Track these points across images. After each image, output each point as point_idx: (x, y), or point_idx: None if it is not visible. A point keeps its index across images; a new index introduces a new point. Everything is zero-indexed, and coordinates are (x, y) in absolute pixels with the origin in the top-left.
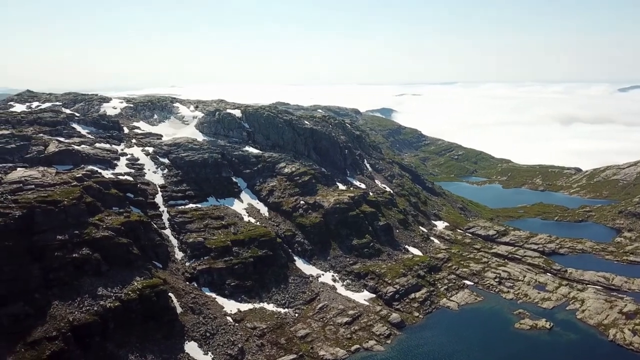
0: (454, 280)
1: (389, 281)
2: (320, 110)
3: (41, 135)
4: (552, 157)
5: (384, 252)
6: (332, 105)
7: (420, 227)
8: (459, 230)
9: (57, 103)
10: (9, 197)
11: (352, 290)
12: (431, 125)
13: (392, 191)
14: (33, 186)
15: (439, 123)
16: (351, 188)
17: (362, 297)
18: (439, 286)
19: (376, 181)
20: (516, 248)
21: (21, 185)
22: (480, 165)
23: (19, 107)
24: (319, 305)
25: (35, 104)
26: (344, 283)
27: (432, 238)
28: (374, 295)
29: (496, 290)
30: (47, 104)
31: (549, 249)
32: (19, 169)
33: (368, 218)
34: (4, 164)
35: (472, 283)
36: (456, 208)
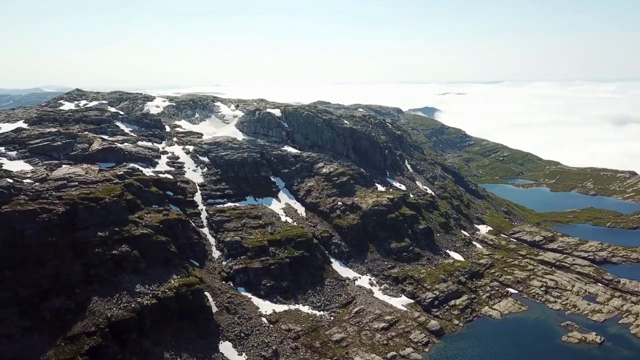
0: (496, 288)
1: (428, 287)
2: (361, 110)
3: (86, 133)
4: (605, 159)
5: (423, 257)
6: (374, 104)
7: (462, 231)
8: (503, 235)
9: (104, 101)
10: (54, 193)
11: (390, 295)
12: (476, 125)
13: (433, 193)
14: (76, 183)
15: (483, 123)
16: (390, 189)
17: (400, 302)
18: (481, 293)
19: (417, 183)
20: (564, 255)
21: (65, 182)
22: (527, 167)
23: (67, 106)
24: (355, 309)
25: (83, 102)
26: (382, 287)
27: (474, 243)
28: (412, 301)
29: (542, 300)
30: (94, 103)
31: (600, 257)
32: (64, 166)
33: (408, 221)
34: (50, 161)
35: (516, 291)
36: (500, 212)
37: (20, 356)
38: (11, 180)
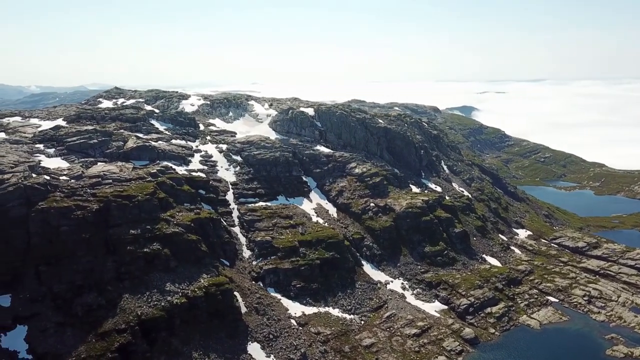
0: (536, 296)
1: (463, 293)
2: (396, 108)
3: (122, 131)
4: None
5: (458, 261)
6: (410, 103)
7: (500, 235)
8: (543, 240)
9: (140, 100)
10: (88, 190)
11: (423, 300)
12: (516, 124)
13: (470, 195)
14: (111, 181)
15: (524, 123)
16: (425, 191)
17: (433, 308)
18: (519, 301)
19: (453, 184)
20: (609, 263)
21: (100, 179)
22: (570, 169)
23: (106, 104)
24: (387, 314)
25: (120, 100)
26: (414, 292)
27: (512, 248)
28: (446, 307)
29: (585, 310)
30: (131, 101)
31: None
32: (99, 163)
33: (443, 224)
34: (86, 159)
35: (556, 300)
36: (541, 215)
37: (53, 351)
38: (48, 177)
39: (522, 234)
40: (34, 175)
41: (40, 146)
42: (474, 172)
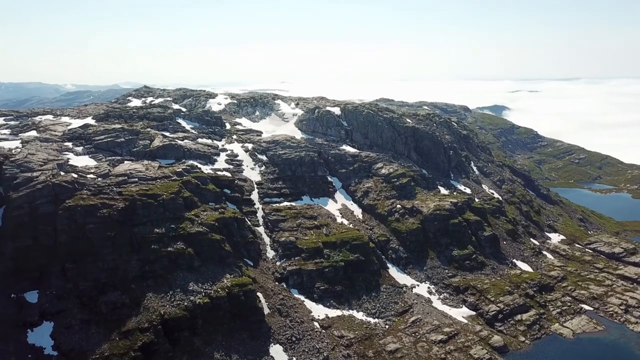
0: (569, 304)
1: (492, 299)
2: (425, 107)
3: (149, 129)
4: None
5: (487, 266)
6: (439, 102)
7: (532, 239)
8: (577, 245)
9: (168, 98)
10: (115, 189)
11: (450, 305)
12: (549, 124)
13: (500, 198)
14: (136, 179)
15: (558, 122)
16: (454, 193)
17: (460, 313)
18: (551, 309)
19: (483, 186)
20: None
21: (126, 178)
22: (606, 170)
23: (135, 102)
24: (412, 319)
25: (149, 99)
26: (441, 296)
27: (544, 252)
28: (474, 313)
29: (621, 320)
30: (160, 99)
31: None
32: (125, 162)
33: (472, 227)
34: (113, 157)
35: (591, 308)
36: (575, 219)
37: (78, 348)
38: (76, 175)
39: (555, 238)
40: (62, 173)
41: (69, 144)
42: (504, 173)
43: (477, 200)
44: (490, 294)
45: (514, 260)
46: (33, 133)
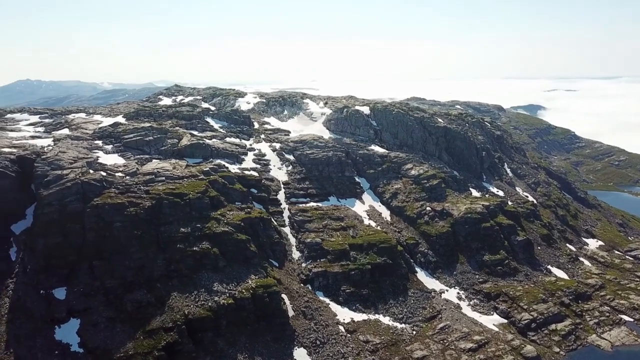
0: (607, 314)
1: (525, 306)
2: (458, 107)
3: (177, 128)
4: None
5: (520, 272)
6: (472, 101)
7: (568, 245)
8: (616, 252)
9: (198, 97)
10: (142, 187)
11: (480, 312)
12: (587, 125)
13: (535, 201)
14: (164, 178)
15: (596, 123)
16: (486, 195)
17: (491, 321)
18: (588, 319)
19: (517, 189)
20: None
21: (153, 176)
22: None
23: (165, 101)
24: (440, 325)
25: (180, 97)
26: (471, 303)
27: (581, 259)
28: (506, 321)
29: None
30: (189, 98)
31: None
32: (153, 160)
33: (504, 231)
34: (142, 155)
35: (631, 319)
36: (614, 224)
37: (103, 346)
38: (104, 174)
39: (593, 244)
40: (91, 171)
41: (99, 142)
42: (539, 175)
43: (510, 203)
44: (523, 301)
45: (549, 267)
46: (65, 131)
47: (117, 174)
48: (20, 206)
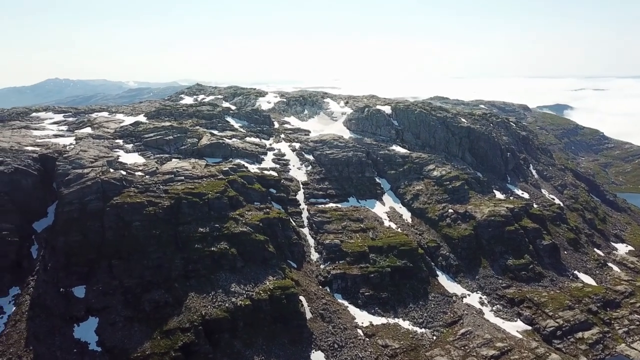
0: (637, 322)
1: (550, 313)
2: (482, 106)
3: (197, 127)
4: None
5: (546, 277)
6: (497, 100)
7: (596, 249)
8: None
9: (219, 96)
10: (161, 187)
11: (503, 318)
12: (616, 125)
13: (562, 204)
14: (183, 177)
15: (626, 123)
16: (511, 198)
17: (515, 327)
18: (617, 327)
19: (543, 191)
20: None
21: (172, 176)
22: None
23: (187, 100)
24: (462, 331)
25: (201, 96)
26: (494, 308)
27: (610, 265)
28: (530, 328)
29: None
30: (211, 97)
31: None
32: (173, 159)
33: (529, 235)
34: (161, 155)
35: None
36: None
37: (121, 345)
38: (124, 173)
39: (622, 249)
40: (111, 170)
41: (120, 141)
42: (566, 177)
43: (535, 206)
44: (548, 308)
45: (576, 272)
46: (88, 130)
47: (136, 173)
48: (42, 204)
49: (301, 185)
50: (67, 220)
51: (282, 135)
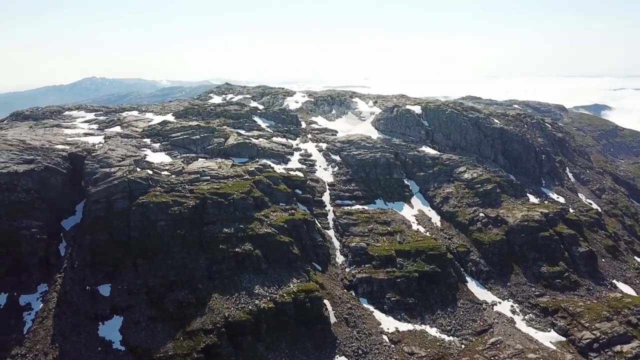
0: None
1: (586, 324)
2: (516, 106)
3: (224, 127)
4: None
5: (582, 286)
6: (532, 100)
7: (636, 257)
8: None
9: (247, 96)
10: (187, 186)
11: (535, 328)
12: None
13: (599, 209)
14: (209, 177)
15: None
16: (545, 202)
17: (548, 338)
18: None
19: (579, 195)
20: None
21: (198, 175)
22: None
23: (215, 99)
24: (492, 340)
25: (229, 96)
26: (526, 317)
27: None
28: (564, 339)
29: None
30: (239, 97)
31: None
32: (199, 159)
33: (564, 241)
34: (188, 154)
35: None
36: None
37: (144, 345)
38: (151, 172)
39: None
40: (138, 169)
41: (148, 140)
42: (605, 181)
43: (571, 211)
44: (585, 318)
45: (614, 282)
46: (117, 129)
47: (163, 173)
48: (71, 202)
49: (327, 186)
50: (93, 218)
51: (309, 135)
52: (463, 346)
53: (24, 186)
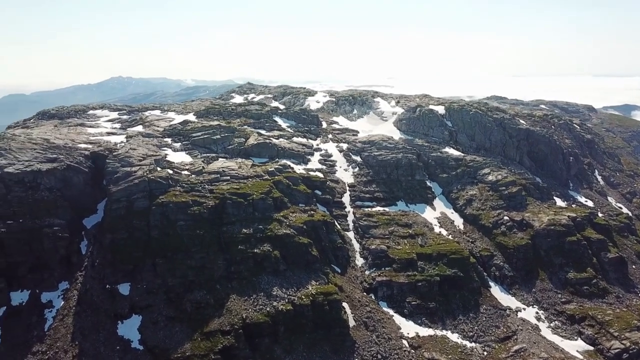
0: None
1: (616, 333)
2: (543, 106)
3: (245, 127)
4: None
5: (611, 293)
6: (559, 100)
7: None
8: None
9: (269, 95)
10: (207, 186)
11: (561, 336)
12: None
13: (630, 213)
14: (228, 177)
15: None
16: (573, 205)
17: (574, 347)
18: None
19: (609, 199)
20: None
21: (218, 175)
22: None
23: (237, 99)
24: (515, 347)
25: (251, 95)
26: (551, 325)
27: None
28: (592, 349)
29: None
30: (260, 96)
31: None
32: (220, 159)
33: (593, 246)
34: (208, 154)
35: None
36: None
37: (162, 344)
38: (171, 172)
39: None
40: (158, 168)
41: (169, 140)
42: (636, 184)
43: (600, 215)
44: (614, 327)
45: None
46: (139, 128)
47: (183, 172)
48: (92, 201)
49: (347, 187)
50: (114, 217)
51: (330, 136)
52: (485, 353)
53: (47, 184)
